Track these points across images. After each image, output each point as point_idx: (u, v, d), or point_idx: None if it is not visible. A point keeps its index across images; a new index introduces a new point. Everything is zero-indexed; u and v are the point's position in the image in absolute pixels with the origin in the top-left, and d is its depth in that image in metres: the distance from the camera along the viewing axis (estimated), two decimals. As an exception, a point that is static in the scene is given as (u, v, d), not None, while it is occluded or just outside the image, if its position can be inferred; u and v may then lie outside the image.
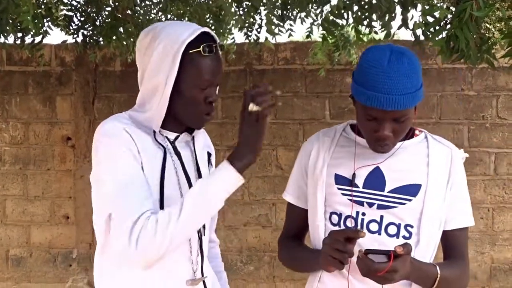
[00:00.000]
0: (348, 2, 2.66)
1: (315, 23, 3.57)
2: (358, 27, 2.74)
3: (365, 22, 2.75)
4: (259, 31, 4.09)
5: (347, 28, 3.66)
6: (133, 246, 1.29)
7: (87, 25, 4.10)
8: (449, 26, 2.18)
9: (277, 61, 4.92)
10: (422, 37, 2.62)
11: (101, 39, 4.13)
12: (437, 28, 2.28)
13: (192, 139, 1.55)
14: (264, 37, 3.43)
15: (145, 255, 1.31)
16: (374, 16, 2.69)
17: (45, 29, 3.69)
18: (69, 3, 4.06)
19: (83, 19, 4.07)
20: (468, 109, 4.74)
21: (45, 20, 3.72)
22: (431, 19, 2.33)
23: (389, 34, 2.66)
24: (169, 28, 1.42)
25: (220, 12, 4.01)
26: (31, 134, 5.03)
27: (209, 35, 1.44)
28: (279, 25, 3.24)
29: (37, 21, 3.15)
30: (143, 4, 4.21)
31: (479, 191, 4.72)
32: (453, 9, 2.27)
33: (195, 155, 1.54)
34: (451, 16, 2.26)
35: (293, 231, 1.71)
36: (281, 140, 4.86)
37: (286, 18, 3.62)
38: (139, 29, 4.05)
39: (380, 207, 1.50)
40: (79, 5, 4.09)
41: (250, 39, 4.10)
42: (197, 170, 1.53)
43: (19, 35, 3.72)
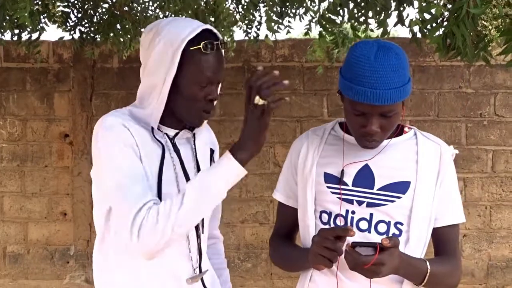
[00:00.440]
0: (344, -1, 2.65)
1: (313, 20, 3.57)
2: (354, 25, 2.74)
3: (361, 19, 2.75)
4: (258, 28, 4.09)
5: (346, 25, 3.66)
6: (135, 237, 1.30)
7: (84, 22, 4.10)
8: (446, 23, 2.18)
9: (275, 58, 4.92)
10: (419, 35, 2.62)
11: (98, 36, 4.12)
12: (434, 25, 2.28)
13: (193, 135, 1.54)
14: (264, 34, 3.43)
15: (147, 245, 1.31)
16: (370, 13, 2.68)
17: (41, 25, 3.68)
18: (66, -1, 4.06)
19: (80, 15, 4.06)
20: (466, 107, 4.73)
21: (41, 16, 3.71)
22: (428, 16, 2.33)
23: (386, 31, 2.66)
24: (171, 25, 1.42)
25: (217, 9, 4.01)
26: (28, 131, 5.03)
27: (212, 32, 1.43)
28: (278, 22, 3.23)
29: (33, 17, 3.14)
30: (141, 0, 4.20)
31: (477, 189, 4.72)
32: (449, 6, 2.27)
33: (195, 152, 1.54)
34: (447, 13, 2.26)
35: (284, 230, 1.70)
36: (278, 137, 4.86)
37: (285, 15, 3.61)
38: (136, 26, 4.05)
39: (369, 205, 1.50)
40: (76, 2, 4.08)
41: (250, 36, 4.09)
42: (197, 167, 1.53)
43: (16, 31, 3.72)
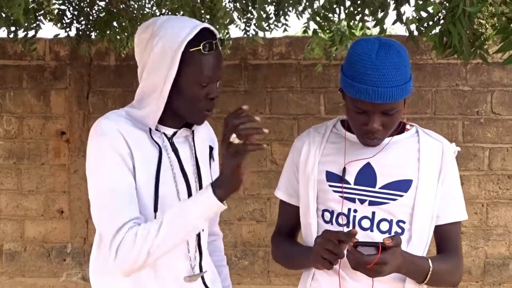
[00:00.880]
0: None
1: (310, 17, 3.56)
2: (350, 23, 2.73)
3: (357, 17, 2.74)
4: (256, 25, 4.07)
5: (344, 22, 3.65)
6: (113, 255, 1.33)
7: (81, 19, 4.08)
8: (442, 21, 2.18)
9: (272, 55, 4.91)
10: (416, 33, 2.61)
11: (94, 33, 4.10)
12: (431, 23, 2.28)
13: (191, 133, 1.53)
14: (259, 32, 3.42)
15: (122, 265, 1.34)
16: (366, 11, 2.68)
17: (37, 23, 3.66)
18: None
19: (76, 13, 4.04)
20: (462, 105, 4.73)
21: (37, 14, 3.69)
22: (424, 14, 2.33)
23: (383, 30, 2.65)
24: (168, 25, 1.40)
25: (214, 7, 3.99)
26: (25, 128, 5.01)
27: (209, 30, 1.42)
28: (269, 19, 3.20)
29: (28, 14, 3.13)
30: (138, -2, 4.19)
31: (473, 186, 4.73)
32: (446, 4, 2.27)
33: (194, 150, 1.53)
34: (444, 11, 2.25)
35: (286, 229, 1.71)
36: (275, 135, 4.85)
37: (282, 13, 3.60)
38: (133, 23, 4.03)
39: (371, 203, 1.49)
40: (72, -1, 4.07)
41: (248, 34, 4.08)
42: (196, 165, 1.52)
43: (12, 29, 3.70)
